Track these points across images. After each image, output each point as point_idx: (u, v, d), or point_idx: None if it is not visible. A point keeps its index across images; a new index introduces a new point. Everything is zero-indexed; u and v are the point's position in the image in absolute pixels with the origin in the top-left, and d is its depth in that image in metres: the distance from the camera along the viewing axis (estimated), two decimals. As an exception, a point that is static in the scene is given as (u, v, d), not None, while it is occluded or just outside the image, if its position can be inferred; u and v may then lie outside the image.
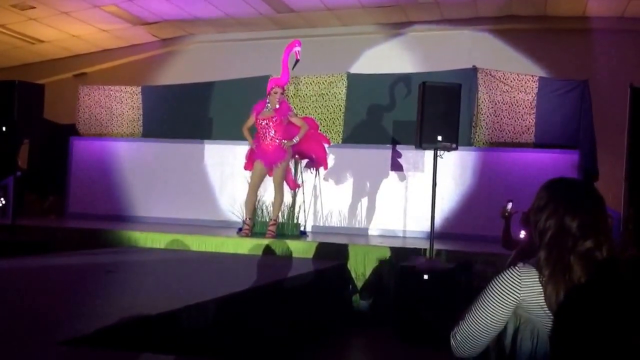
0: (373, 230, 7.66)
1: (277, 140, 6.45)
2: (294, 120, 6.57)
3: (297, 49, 6.69)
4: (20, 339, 2.38)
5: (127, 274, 4.48)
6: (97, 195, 8.63)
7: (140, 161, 8.64)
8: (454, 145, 5.33)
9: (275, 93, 6.45)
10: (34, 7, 10.05)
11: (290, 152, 6.55)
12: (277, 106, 6.46)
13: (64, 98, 10.16)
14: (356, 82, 8.28)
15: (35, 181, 9.58)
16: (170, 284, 4.14)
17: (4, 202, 7.32)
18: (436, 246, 5.46)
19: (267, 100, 6.52)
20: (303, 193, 7.28)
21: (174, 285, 4.08)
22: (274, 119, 6.44)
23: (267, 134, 6.46)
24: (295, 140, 6.49)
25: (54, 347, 2.30)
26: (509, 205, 4.15)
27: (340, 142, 8.13)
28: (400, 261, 5.48)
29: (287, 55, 6.69)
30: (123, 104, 9.37)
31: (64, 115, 10.01)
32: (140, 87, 9.36)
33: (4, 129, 6.28)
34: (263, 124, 6.49)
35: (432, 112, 5.31)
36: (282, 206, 6.77)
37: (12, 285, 3.77)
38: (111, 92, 9.41)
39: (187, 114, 8.88)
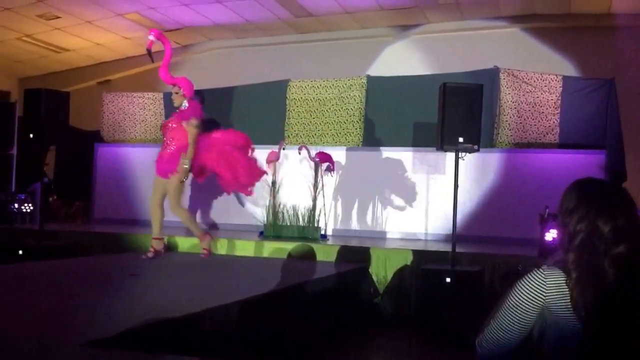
0: (394, 233, 7.62)
1: (173, 148, 5.64)
2: (188, 129, 5.62)
3: (150, 37, 5.82)
4: (47, 340, 2.43)
5: (151, 277, 4.53)
6: (121, 200, 8.72)
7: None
8: (475, 147, 5.29)
9: (176, 93, 5.78)
10: (59, 17, 10.22)
11: (184, 168, 5.58)
12: (183, 108, 5.74)
13: (89, 105, 10.31)
14: (376, 85, 8.25)
15: (62, 187, 9.73)
16: (193, 287, 4.17)
17: (31, 207, 7.46)
18: (458, 249, 5.41)
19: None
20: (323, 196, 7.27)
21: (196, 288, 4.11)
22: (171, 123, 5.72)
23: (165, 141, 5.73)
24: (186, 159, 5.55)
25: (79, 348, 2.34)
26: (546, 211, 4.07)
27: (360, 145, 8.12)
28: (422, 264, 5.46)
29: (168, 50, 5.95)
30: (146, 110, 9.47)
31: (88, 122, 10.16)
32: (162, 94, 9.45)
33: (31, 135, 6.40)
34: (165, 129, 5.77)
35: (454, 114, 5.27)
36: (192, 221, 6.02)
37: (39, 288, 3.84)
38: (134, 99, 9.53)
39: (207, 119, 8.92)
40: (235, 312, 3.37)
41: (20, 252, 6.09)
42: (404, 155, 7.67)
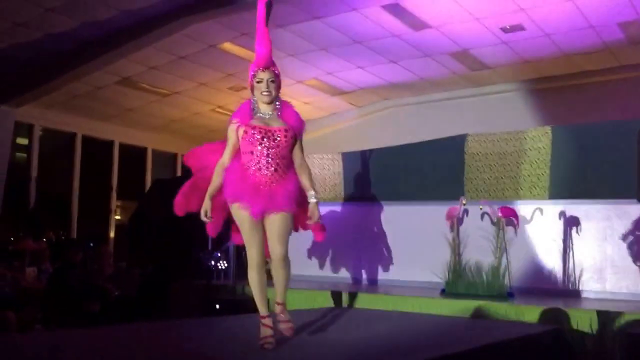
0: (588, 292, 7.03)
1: (284, 175, 3.58)
2: (297, 147, 3.70)
3: None
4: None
5: (340, 334, 4.61)
6: (307, 259, 9.01)
7: (342, 224, 8.93)
8: (684, 198, 4.79)
9: (260, 82, 3.61)
10: (246, 88, 11.16)
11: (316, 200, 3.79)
12: (278, 106, 3.67)
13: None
14: (562, 135, 7.80)
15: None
16: (378, 344, 4.17)
17: (225, 264, 8.03)
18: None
19: (253, 98, 3.69)
20: (508, 253, 6.96)
21: (383, 345, 4.11)
22: (283, 132, 3.58)
23: (263, 158, 3.52)
24: (313, 196, 3.75)
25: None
26: None
27: (547, 198, 7.67)
28: (626, 327, 4.96)
29: (262, 13, 3.87)
30: (325, 170, 9.84)
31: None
32: (340, 154, 9.77)
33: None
34: (258, 137, 3.53)
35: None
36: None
37: (233, 340, 4.09)
38: (315, 160, 9.94)
39: (385, 177, 9.03)
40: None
41: (218, 306, 6.55)
42: (596, 208, 7.12)
